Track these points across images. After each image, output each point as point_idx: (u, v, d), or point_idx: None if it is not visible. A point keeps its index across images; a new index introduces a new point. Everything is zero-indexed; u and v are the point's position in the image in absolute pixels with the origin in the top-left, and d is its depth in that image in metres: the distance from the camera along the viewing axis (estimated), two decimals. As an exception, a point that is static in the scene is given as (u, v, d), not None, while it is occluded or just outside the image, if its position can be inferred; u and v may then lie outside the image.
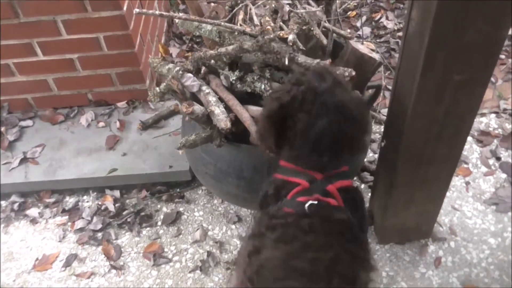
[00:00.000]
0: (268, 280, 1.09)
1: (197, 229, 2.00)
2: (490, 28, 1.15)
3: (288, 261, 1.09)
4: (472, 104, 1.36)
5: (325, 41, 1.52)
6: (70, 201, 2.18)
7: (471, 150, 2.19)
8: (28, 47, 2.14)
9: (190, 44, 2.79)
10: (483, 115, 2.32)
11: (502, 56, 2.56)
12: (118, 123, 2.33)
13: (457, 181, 2.07)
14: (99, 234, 2.02)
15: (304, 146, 1.18)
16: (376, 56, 1.63)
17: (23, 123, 2.38)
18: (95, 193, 2.19)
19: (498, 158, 2.14)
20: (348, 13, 2.97)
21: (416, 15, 1.22)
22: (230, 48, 1.54)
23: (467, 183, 2.06)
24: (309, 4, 1.66)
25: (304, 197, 1.17)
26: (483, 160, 2.14)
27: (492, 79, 2.46)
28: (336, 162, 1.22)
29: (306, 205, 1.15)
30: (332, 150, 1.18)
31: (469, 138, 2.22)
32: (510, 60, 2.52)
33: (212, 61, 1.62)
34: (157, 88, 1.66)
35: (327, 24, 1.61)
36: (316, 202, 1.16)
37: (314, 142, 1.16)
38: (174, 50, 2.73)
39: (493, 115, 2.32)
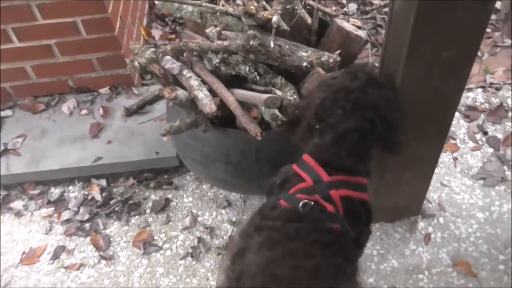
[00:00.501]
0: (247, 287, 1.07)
1: (187, 216, 1.97)
2: (478, 3, 1.12)
3: (268, 268, 1.07)
4: (460, 81, 1.34)
5: (309, 20, 1.49)
6: (55, 192, 2.14)
7: (459, 125, 2.18)
8: (3, 34, 2.07)
9: (173, 26, 2.72)
10: (469, 90, 2.31)
11: (488, 30, 2.54)
12: (101, 110, 2.28)
13: (445, 157, 2.07)
14: (87, 225, 1.99)
15: (327, 138, 1.18)
16: (362, 33, 1.60)
17: (2, 113, 2.32)
18: (80, 183, 2.15)
19: (485, 133, 2.14)
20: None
21: (402, -7, 1.19)
22: (213, 45, 1.50)
23: (455, 158, 2.06)
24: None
25: (304, 195, 1.15)
26: (471, 135, 2.14)
27: (479, 53, 2.44)
28: (353, 165, 1.19)
29: (301, 203, 1.12)
30: (353, 149, 1.17)
31: (457, 114, 2.21)
32: (496, 33, 2.50)
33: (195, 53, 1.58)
34: (136, 63, 1.59)
35: (311, 2, 1.57)
36: (312, 203, 1.13)
37: (339, 136, 1.16)
38: (156, 33, 2.66)
39: (479, 90, 2.31)
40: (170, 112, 1.80)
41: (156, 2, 1.65)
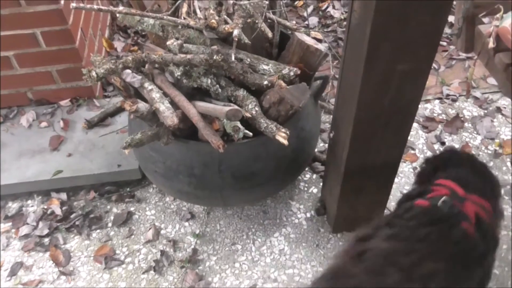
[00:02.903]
0: (367, 265, 1.11)
1: (149, 229, 1.95)
2: (430, 18, 1.17)
3: (392, 255, 1.12)
4: (416, 92, 1.38)
5: (270, 34, 1.51)
6: (13, 206, 2.07)
7: (417, 136, 2.25)
8: (-43, 46, 2.01)
9: (135, 38, 2.71)
10: (427, 101, 2.39)
11: (444, 43, 2.64)
12: (61, 123, 2.23)
13: (404, 167, 2.12)
14: (46, 240, 1.94)
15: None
16: (321, 47, 1.63)
17: (-43, 127, 2.24)
18: (40, 197, 2.10)
19: (443, 143, 2.21)
20: (295, 2, 2.97)
21: (358, 6, 1.22)
22: (176, 58, 1.50)
23: (415, 168, 2.12)
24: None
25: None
26: (429, 145, 2.20)
27: (435, 65, 2.53)
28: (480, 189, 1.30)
29: (442, 199, 1.19)
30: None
31: (415, 125, 2.28)
32: (451, 47, 2.59)
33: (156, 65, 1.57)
34: (94, 73, 1.57)
35: (272, 16, 1.59)
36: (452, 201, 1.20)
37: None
38: (119, 44, 2.64)
39: (437, 101, 2.39)
40: (132, 125, 1.78)
41: (117, 15, 1.64)
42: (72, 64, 2.16)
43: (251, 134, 1.51)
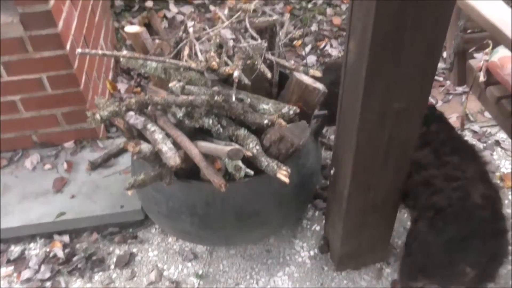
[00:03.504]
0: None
1: (152, 270, 1.94)
2: (424, 58, 1.20)
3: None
4: (413, 128, 1.41)
5: (269, 74, 1.55)
6: (15, 250, 2.07)
7: (418, 171, 2.25)
8: (-34, 91, 2.06)
9: (138, 80, 2.76)
10: (427, 136, 2.41)
11: (440, 79, 2.68)
12: (65, 164, 2.25)
13: (407, 203, 2.12)
14: (48, 283, 1.92)
15: None
16: (320, 86, 1.67)
17: (-38, 170, 2.27)
18: (42, 240, 2.09)
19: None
20: (294, 42, 3.04)
21: (354, 46, 1.26)
22: (178, 100, 1.54)
23: (417, 203, 2.12)
24: (252, 37, 1.69)
25: None
26: (430, 180, 2.21)
27: (433, 100, 2.56)
28: None
29: None
30: None
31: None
32: (448, 82, 2.64)
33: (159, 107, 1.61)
34: (98, 116, 1.60)
35: (271, 57, 1.64)
36: None
37: None
38: (122, 86, 2.69)
39: (436, 136, 2.41)
40: (134, 165, 1.80)
41: (121, 59, 1.69)
42: (76, 106, 2.21)
43: (252, 172, 1.52)
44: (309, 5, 3.31)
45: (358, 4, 1.15)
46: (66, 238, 2.08)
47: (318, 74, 1.75)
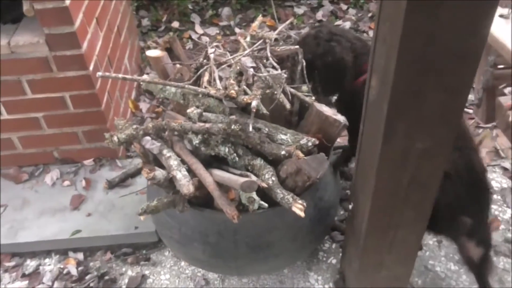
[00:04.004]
0: None
1: (163, 295, 1.91)
2: (449, 97, 1.15)
3: None
4: (436, 169, 1.35)
5: (288, 106, 1.52)
6: (31, 264, 2.08)
7: (442, 206, 2.17)
8: (-8, 106, 2.10)
9: (160, 99, 2.77)
10: (452, 170, 2.32)
11: (470, 111, 2.60)
12: (84, 182, 2.27)
13: (429, 240, 2.04)
14: (59, 302, 1.92)
15: None
16: (340, 118, 1.63)
17: (-15, 183, 2.30)
18: (57, 256, 2.10)
19: (469, 216, 2.12)
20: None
21: (375, 83, 1.22)
22: (195, 126, 1.52)
23: (439, 241, 2.04)
24: (273, 67, 1.66)
25: None
26: (455, 217, 2.12)
27: (460, 134, 2.48)
28: None
29: None
30: None
31: (440, 194, 2.21)
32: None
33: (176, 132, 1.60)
34: (115, 138, 1.60)
35: (290, 89, 1.61)
36: None
37: None
38: (144, 106, 2.71)
39: (463, 170, 2.33)
40: (150, 189, 1.79)
41: (141, 83, 1.69)
42: (97, 125, 2.22)
43: (266, 205, 1.49)
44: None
45: (380, 43, 1.11)
46: (80, 256, 2.08)
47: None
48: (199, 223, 1.62)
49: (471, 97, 2.58)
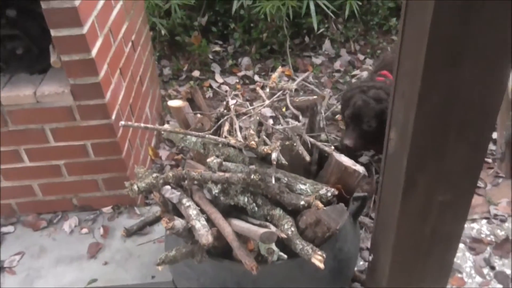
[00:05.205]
0: None
1: None
2: (470, 149, 1.15)
3: None
4: (458, 222, 1.33)
5: (307, 157, 1.53)
6: (45, 314, 2.06)
7: (464, 258, 2.12)
8: (15, 154, 2.14)
9: (180, 147, 2.81)
10: (474, 220, 2.28)
11: (489, 160, 2.58)
12: (101, 230, 2.27)
13: (451, 293, 1.98)
14: None
15: None
16: (360, 168, 1.63)
17: (4, 229, 2.31)
18: (73, 305, 2.08)
19: (493, 267, 2.06)
20: (336, 116, 3.04)
21: (395, 136, 1.23)
22: (215, 176, 1.54)
23: (461, 295, 1.98)
24: (293, 117, 1.69)
25: None
26: (477, 269, 2.07)
27: (481, 184, 2.45)
28: None
29: None
30: None
31: (461, 245, 2.16)
32: (496, 164, 2.53)
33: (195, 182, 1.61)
34: (135, 187, 1.62)
35: (310, 139, 1.62)
36: None
37: None
38: (163, 153, 2.74)
39: (484, 221, 2.28)
40: (168, 238, 1.78)
41: (162, 132, 1.72)
42: (117, 173, 2.25)
43: (285, 256, 1.47)
44: (353, 80, 3.33)
45: (399, 97, 1.13)
46: (95, 306, 2.06)
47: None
48: (217, 274, 1.60)
49: (492, 147, 2.57)
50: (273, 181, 1.45)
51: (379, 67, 2.48)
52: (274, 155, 1.43)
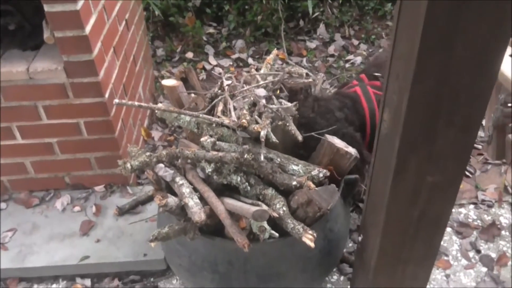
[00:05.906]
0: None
1: (169, 324, 1.90)
2: (460, 133, 1.17)
3: None
4: (446, 204, 1.36)
5: (300, 137, 1.54)
6: (37, 290, 2.08)
7: (451, 241, 2.16)
8: (7, 131, 2.14)
9: (172, 128, 2.81)
10: (461, 205, 2.33)
11: (479, 147, 2.61)
12: (94, 208, 2.28)
13: (437, 274, 2.03)
14: (65, 329, 1.91)
15: None
16: (352, 150, 1.65)
17: (-4, 206, 2.32)
18: (65, 282, 2.10)
19: (478, 251, 2.11)
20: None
21: (388, 118, 1.24)
22: (208, 155, 1.55)
23: (447, 276, 2.02)
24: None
25: None
26: (463, 252, 2.11)
27: (471, 170, 2.49)
28: None
29: None
30: None
31: (449, 229, 2.21)
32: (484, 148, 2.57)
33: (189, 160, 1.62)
34: (128, 165, 1.62)
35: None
36: None
37: None
38: (156, 134, 2.74)
39: (471, 206, 2.33)
40: (160, 216, 1.80)
41: (156, 111, 1.73)
42: (110, 152, 2.25)
43: (277, 235, 1.49)
44: (347, 65, 3.34)
45: (393, 79, 1.14)
46: (87, 282, 2.08)
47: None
48: (209, 252, 1.62)
49: (481, 133, 2.61)
50: (262, 158, 1.47)
51: (368, 66, 2.41)
52: (262, 133, 1.45)
